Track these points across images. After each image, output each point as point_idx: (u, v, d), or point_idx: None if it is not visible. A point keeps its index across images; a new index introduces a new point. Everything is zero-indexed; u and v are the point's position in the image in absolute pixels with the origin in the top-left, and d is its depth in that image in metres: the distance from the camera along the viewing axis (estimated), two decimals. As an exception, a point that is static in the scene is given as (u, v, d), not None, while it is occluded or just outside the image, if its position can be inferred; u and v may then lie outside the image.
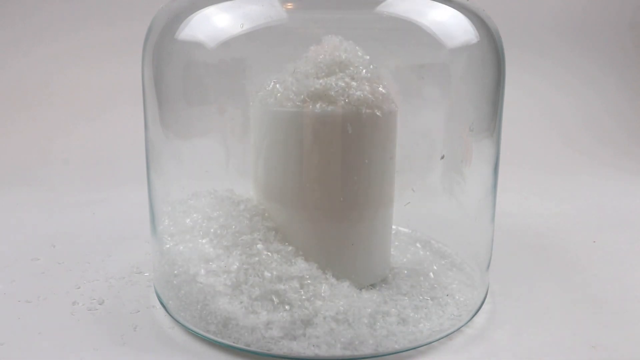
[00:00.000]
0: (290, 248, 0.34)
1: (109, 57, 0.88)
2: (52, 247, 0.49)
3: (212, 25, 0.35)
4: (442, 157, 0.39)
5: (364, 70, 0.33)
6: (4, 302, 0.38)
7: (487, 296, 0.39)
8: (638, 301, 0.41)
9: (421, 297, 0.33)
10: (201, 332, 0.33)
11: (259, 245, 0.33)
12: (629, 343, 0.35)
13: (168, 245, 0.36)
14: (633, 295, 0.42)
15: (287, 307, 0.31)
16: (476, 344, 0.34)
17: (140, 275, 0.43)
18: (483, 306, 0.38)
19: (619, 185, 0.77)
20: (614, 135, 0.94)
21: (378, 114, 0.33)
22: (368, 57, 0.34)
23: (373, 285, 0.35)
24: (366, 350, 0.31)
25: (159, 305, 0.37)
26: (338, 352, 0.30)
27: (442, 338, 0.33)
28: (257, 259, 0.32)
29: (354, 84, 0.33)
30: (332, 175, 0.33)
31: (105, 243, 0.50)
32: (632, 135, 0.95)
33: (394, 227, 0.38)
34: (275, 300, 0.31)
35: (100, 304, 0.38)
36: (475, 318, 0.36)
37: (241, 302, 0.31)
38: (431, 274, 0.36)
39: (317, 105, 0.32)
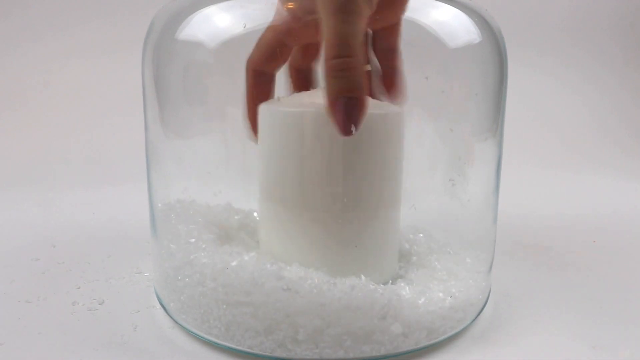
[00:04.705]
0: (291, 253, 0.34)
1: (109, 57, 0.87)
2: (52, 247, 0.49)
3: (212, 25, 0.35)
4: (451, 181, 0.39)
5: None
6: (4, 302, 0.38)
7: (489, 297, 0.39)
8: (638, 301, 0.41)
9: (423, 299, 0.33)
10: (203, 334, 0.33)
11: (256, 255, 0.33)
12: (629, 343, 0.35)
13: (170, 248, 0.36)
14: (633, 295, 0.42)
15: (289, 310, 0.31)
16: (479, 345, 0.34)
17: (140, 275, 0.43)
18: (485, 307, 0.38)
19: (620, 185, 0.77)
20: (616, 135, 0.94)
21: (381, 114, 0.33)
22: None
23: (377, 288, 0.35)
24: (369, 352, 0.31)
25: (159, 306, 0.37)
26: (341, 354, 0.30)
27: (445, 339, 0.33)
28: (257, 266, 0.32)
29: None
30: (335, 176, 0.33)
31: (105, 243, 0.50)
32: (634, 135, 0.95)
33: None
34: (277, 304, 0.31)
35: (100, 304, 0.38)
36: (477, 319, 0.36)
37: (244, 307, 0.31)
38: (433, 276, 0.36)
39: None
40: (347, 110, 0.29)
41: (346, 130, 0.29)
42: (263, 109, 0.35)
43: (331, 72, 0.29)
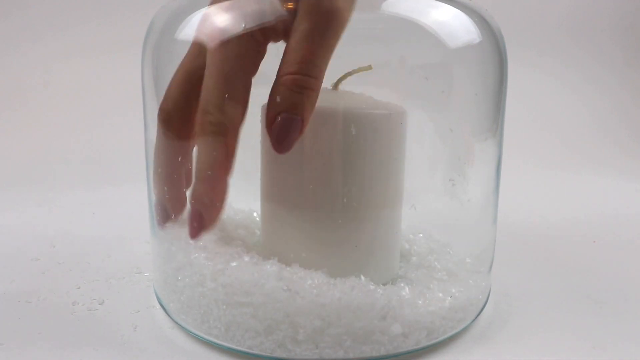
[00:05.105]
0: (291, 253, 0.34)
1: (109, 57, 0.87)
2: (52, 247, 0.49)
3: (212, 25, 0.35)
4: (451, 181, 0.39)
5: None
6: (4, 302, 0.38)
7: (489, 297, 0.39)
8: (638, 301, 0.41)
9: (423, 299, 0.33)
10: (203, 334, 0.33)
11: (256, 255, 0.33)
12: (629, 343, 0.34)
13: (170, 248, 0.36)
14: (633, 295, 0.42)
15: (289, 311, 0.31)
16: (479, 345, 0.34)
17: (140, 275, 0.43)
18: (485, 307, 0.38)
19: (620, 185, 0.77)
20: (616, 135, 0.94)
21: (383, 113, 0.33)
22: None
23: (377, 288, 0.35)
24: (369, 352, 0.31)
25: (159, 306, 0.37)
26: (341, 354, 0.30)
27: (445, 339, 0.33)
28: (257, 267, 0.32)
29: None
30: (335, 175, 0.33)
31: (105, 243, 0.50)
32: (634, 135, 0.95)
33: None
34: (277, 305, 0.31)
35: (100, 304, 0.38)
36: (477, 319, 0.36)
37: (244, 307, 0.31)
38: (433, 276, 0.36)
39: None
40: (288, 128, 0.29)
41: (282, 149, 0.29)
42: (264, 108, 0.35)
43: (289, 85, 0.28)
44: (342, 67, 0.35)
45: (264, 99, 0.31)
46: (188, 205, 0.33)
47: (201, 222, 0.32)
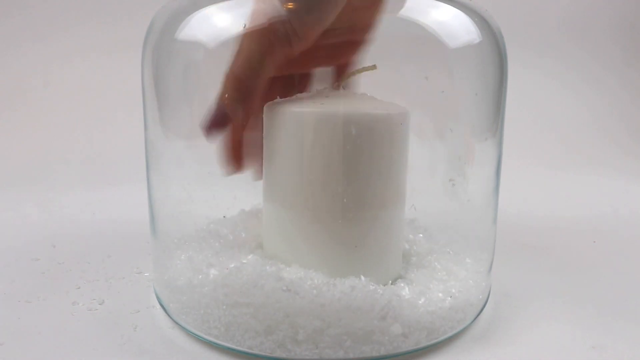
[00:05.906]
0: (292, 253, 0.34)
1: (109, 57, 0.87)
2: (52, 247, 0.49)
3: (212, 24, 0.35)
4: (451, 181, 0.39)
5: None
6: (4, 302, 0.38)
7: (489, 297, 0.39)
8: (638, 301, 0.41)
9: (423, 299, 0.33)
10: (203, 335, 0.33)
11: (256, 256, 0.33)
12: (629, 343, 0.34)
13: (171, 248, 0.36)
14: (633, 295, 0.42)
15: (288, 311, 0.31)
16: (479, 345, 0.34)
17: (140, 275, 0.43)
18: (485, 307, 0.38)
19: (620, 185, 0.77)
20: (616, 135, 0.94)
21: (384, 114, 0.33)
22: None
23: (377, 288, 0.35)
24: (369, 352, 0.31)
25: (159, 306, 0.37)
26: (341, 354, 0.30)
27: (445, 339, 0.33)
28: (257, 267, 0.32)
29: None
30: (336, 176, 0.33)
31: (105, 243, 0.50)
32: (634, 135, 0.95)
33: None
34: (277, 305, 0.31)
35: (100, 304, 0.38)
36: (477, 319, 0.36)
37: (244, 307, 0.31)
38: (433, 276, 0.36)
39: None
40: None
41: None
42: (266, 109, 0.35)
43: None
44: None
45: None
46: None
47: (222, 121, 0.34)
